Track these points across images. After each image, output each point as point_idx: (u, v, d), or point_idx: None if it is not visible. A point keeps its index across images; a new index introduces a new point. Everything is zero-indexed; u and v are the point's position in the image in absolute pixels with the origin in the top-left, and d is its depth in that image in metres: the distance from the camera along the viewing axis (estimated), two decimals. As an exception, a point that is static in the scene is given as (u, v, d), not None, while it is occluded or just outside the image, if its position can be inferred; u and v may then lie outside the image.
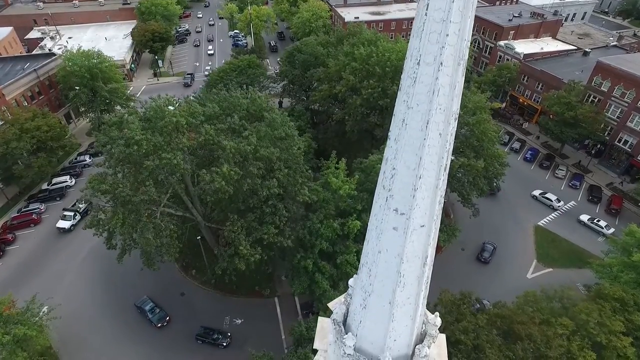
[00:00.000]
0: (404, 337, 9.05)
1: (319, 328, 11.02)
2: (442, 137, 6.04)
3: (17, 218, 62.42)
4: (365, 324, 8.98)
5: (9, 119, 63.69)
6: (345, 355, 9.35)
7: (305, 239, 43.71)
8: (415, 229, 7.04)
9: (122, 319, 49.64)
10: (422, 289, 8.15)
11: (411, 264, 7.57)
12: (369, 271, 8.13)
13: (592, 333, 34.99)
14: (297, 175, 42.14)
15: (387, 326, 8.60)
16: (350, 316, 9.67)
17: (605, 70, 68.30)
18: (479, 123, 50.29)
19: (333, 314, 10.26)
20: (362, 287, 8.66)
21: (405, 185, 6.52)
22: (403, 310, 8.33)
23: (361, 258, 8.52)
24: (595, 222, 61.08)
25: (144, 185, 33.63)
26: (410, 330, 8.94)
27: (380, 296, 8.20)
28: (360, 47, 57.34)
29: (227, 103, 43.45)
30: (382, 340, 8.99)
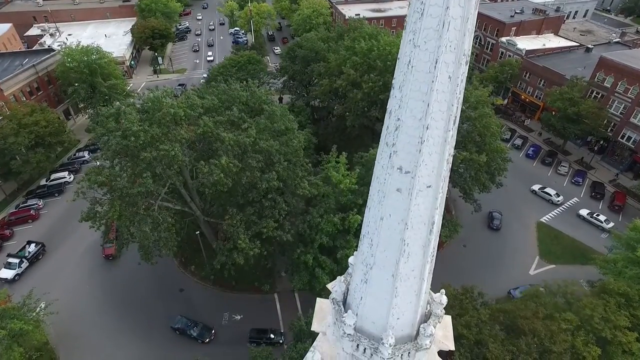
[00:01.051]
0: (407, 315, 8.49)
1: (317, 309, 10.48)
2: (452, 81, 5.47)
3: (15, 214, 61.90)
4: (367, 301, 8.42)
5: (7, 114, 63.12)
6: (345, 336, 8.79)
7: (305, 233, 43.11)
8: (421, 189, 6.48)
9: (120, 315, 49.08)
10: (428, 261, 7.58)
11: (416, 231, 7.01)
12: (371, 242, 7.57)
13: (596, 328, 34.36)
14: (297, 169, 41.57)
15: (389, 302, 8.04)
16: (351, 294, 9.12)
17: (608, 66, 67.65)
18: (481, 117, 49.69)
19: (332, 293, 9.70)
20: (363, 260, 8.10)
21: (411, 139, 5.96)
22: (407, 284, 7.76)
23: (362, 229, 7.96)
24: (594, 217, 60.74)
25: (141, 177, 33.04)
26: (415, 307, 8.38)
27: (382, 269, 7.64)
28: (361, 41, 56.80)
29: (226, 96, 42.90)
30: (385, 319, 8.44)
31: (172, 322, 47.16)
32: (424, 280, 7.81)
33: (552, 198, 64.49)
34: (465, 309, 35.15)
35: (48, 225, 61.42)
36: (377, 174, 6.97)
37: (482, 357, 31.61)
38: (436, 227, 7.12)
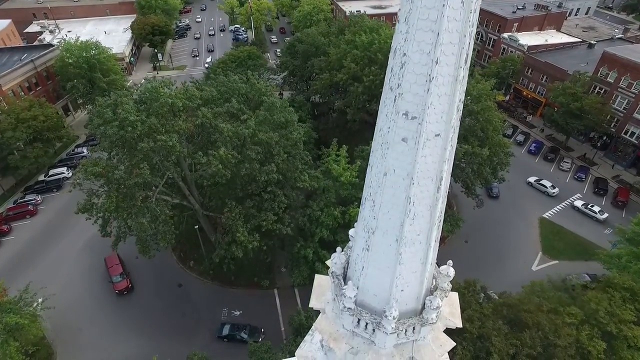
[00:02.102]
0: (412, 287, 7.90)
1: (315, 285, 9.90)
2: (465, 6, 4.89)
3: (12, 209, 61.42)
4: (368, 272, 7.84)
5: (5, 108, 62.63)
6: (345, 310, 8.20)
7: (305, 227, 42.60)
8: (428, 138, 5.90)
9: (118, 311, 48.58)
10: (435, 224, 6.99)
11: (423, 188, 6.42)
12: (373, 203, 6.98)
13: (602, 322, 33.72)
14: (297, 162, 41.02)
15: (393, 271, 7.46)
16: (351, 266, 8.53)
17: (612, 61, 67.02)
18: (483, 111, 49.10)
19: (331, 266, 9.12)
20: (364, 226, 7.51)
21: (418, 78, 5.37)
22: (412, 250, 7.17)
23: (363, 192, 7.38)
24: (589, 208, 60.81)
25: (138, 168, 32.47)
26: (420, 278, 7.79)
27: (385, 233, 7.05)
28: (362, 34, 56.23)
29: (225, 88, 42.34)
30: (388, 291, 7.86)
31: (219, 333, 45.05)
32: (430, 246, 7.23)
33: (548, 190, 64.53)
34: (468, 302, 34.52)
35: (46, 220, 60.95)
36: (380, 125, 6.40)
37: (485, 351, 31.00)
38: (444, 185, 6.54)
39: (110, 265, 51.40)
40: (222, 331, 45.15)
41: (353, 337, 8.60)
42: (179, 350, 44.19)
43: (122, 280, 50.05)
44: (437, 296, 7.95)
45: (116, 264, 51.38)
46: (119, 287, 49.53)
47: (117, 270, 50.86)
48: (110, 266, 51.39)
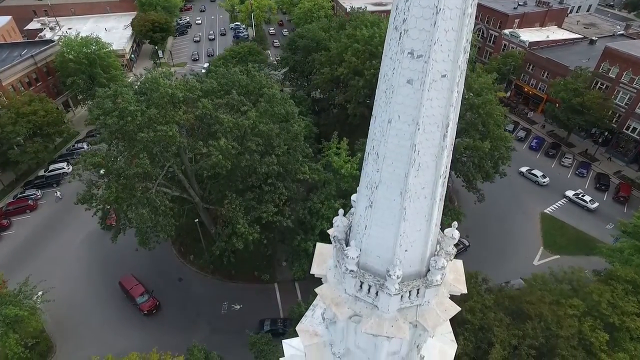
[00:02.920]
0: (416, 247, 7.71)
1: (317, 254, 9.72)
2: None
3: (12, 204, 61.30)
4: (372, 231, 7.65)
5: (5, 103, 62.51)
6: (347, 273, 8.01)
7: (305, 219, 42.39)
8: (434, 79, 5.70)
9: (118, 305, 48.38)
10: (441, 177, 6.78)
11: (428, 135, 6.23)
12: (377, 155, 6.79)
13: (604, 314, 33.51)
14: (297, 154, 40.82)
15: (397, 229, 7.27)
16: (354, 229, 8.34)
17: (613, 56, 66.79)
18: (484, 104, 48.85)
19: (334, 231, 8.94)
20: (367, 183, 7.32)
21: (425, 11, 5.18)
22: (417, 205, 6.98)
23: (367, 146, 7.18)
24: (580, 197, 61.61)
25: (137, 157, 32.27)
26: (424, 237, 7.59)
27: (389, 186, 6.85)
28: (363, 28, 56.02)
29: (225, 80, 42.15)
30: (391, 251, 7.67)
31: (260, 329, 43.68)
32: (435, 201, 7.03)
33: (539, 179, 65.18)
34: (470, 294, 34.29)
35: (46, 215, 60.84)
36: (384, 71, 6.19)
37: (487, 342, 30.79)
38: (450, 134, 6.33)
39: (130, 287, 47.62)
40: (264, 327, 44.28)
41: (355, 302, 8.41)
42: (179, 343, 43.98)
43: (148, 299, 46.90)
44: (442, 256, 7.77)
45: (135, 284, 47.95)
46: (146, 307, 46.27)
47: (138, 291, 47.35)
48: (129, 288, 47.55)
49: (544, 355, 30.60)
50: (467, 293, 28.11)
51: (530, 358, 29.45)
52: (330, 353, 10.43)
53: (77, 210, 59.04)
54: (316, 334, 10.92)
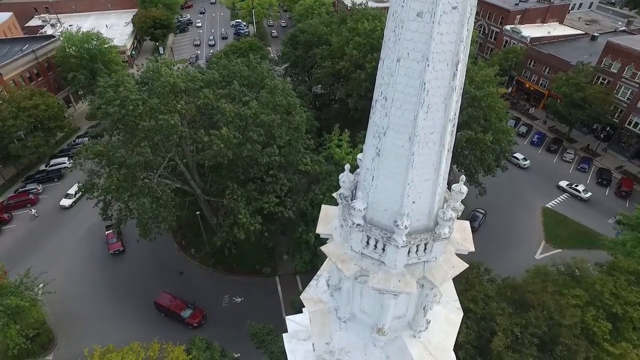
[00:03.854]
0: (424, 199, 7.61)
1: (322, 215, 9.63)
2: None
3: (13, 198, 61.27)
4: (379, 182, 7.54)
5: (6, 97, 62.48)
6: (354, 227, 7.91)
7: (307, 211, 42.26)
8: (445, 11, 5.61)
9: (120, 298, 48.32)
10: (450, 120, 6.67)
11: (438, 74, 6.12)
12: (385, 99, 6.68)
13: (607, 304, 33.40)
14: (299, 145, 40.73)
15: (405, 177, 7.16)
16: (360, 184, 8.24)
17: (615, 51, 66.64)
18: (486, 97, 48.73)
19: (339, 191, 8.84)
20: (375, 132, 7.22)
21: None
22: (425, 152, 6.88)
23: (374, 93, 7.08)
24: (573, 187, 62.29)
25: (138, 146, 32.18)
26: (432, 188, 7.49)
27: (398, 132, 6.75)
28: (365, 21, 55.93)
29: (226, 71, 42.08)
30: (399, 202, 7.57)
31: None
32: (444, 148, 6.91)
33: (520, 162, 66.56)
34: (472, 284, 34.20)
35: (47, 209, 60.74)
36: (393, 8, 6.09)
37: (489, 331, 30.67)
38: (460, 73, 6.22)
39: (169, 305, 45.56)
40: None
41: (362, 259, 8.31)
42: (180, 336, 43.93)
43: (193, 311, 45.28)
44: (450, 208, 7.66)
45: (174, 300, 46.19)
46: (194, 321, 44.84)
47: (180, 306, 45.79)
48: (169, 306, 45.47)
49: (547, 344, 30.47)
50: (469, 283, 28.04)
51: (532, 346, 29.32)
52: (335, 318, 10.33)
53: (77, 205, 59.42)
54: (321, 301, 10.83)
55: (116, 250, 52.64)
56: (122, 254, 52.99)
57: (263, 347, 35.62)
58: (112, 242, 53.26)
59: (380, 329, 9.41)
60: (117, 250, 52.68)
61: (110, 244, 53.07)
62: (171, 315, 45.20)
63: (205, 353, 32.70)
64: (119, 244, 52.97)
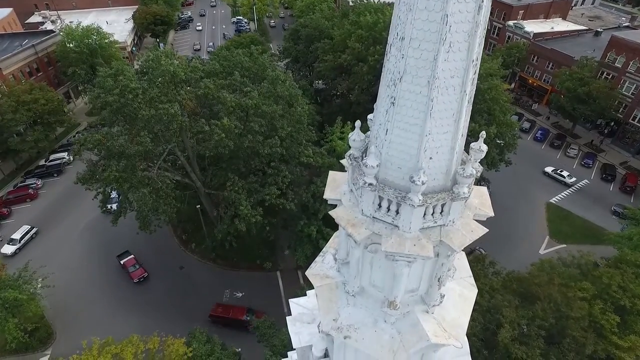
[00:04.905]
0: (442, 155, 7.06)
1: (330, 180, 9.08)
2: None
3: (12, 192, 60.83)
4: (393, 136, 6.97)
5: (6, 91, 62.02)
6: (365, 188, 7.35)
7: (309, 204, 41.73)
8: None
9: (119, 293, 47.86)
10: (473, 62, 6.09)
11: (462, 5, 5.57)
12: (401, 40, 6.12)
13: (614, 297, 32.80)
14: (301, 136, 40.17)
15: (422, 129, 6.60)
16: (372, 142, 7.67)
17: (620, 45, 66.02)
18: (490, 90, 48.19)
19: (348, 152, 8.30)
20: (389, 79, 6.66)
21: None
22: (445, 100, 6.32)
23: (389, 37, 6.53)
24: (558, 172, 63.59)
25: (138, 135, 31.64)
26: (451, 142, 6.93)
27: (415, 76, 6.19)
28: (367, 14, 55.39)
29: (227, 62, 41.52)
30: (415, 157, 7.01)
31: None
32: (465, 94, 6.36)
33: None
34: (477, 276, 33.44)
35: (47, 204, 60.35)
36: None
37: (495, 323, 30.08)
38: (486, 6, 5.68)
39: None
40: None
41: (374, 223, 7.76)
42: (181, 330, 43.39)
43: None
44: (470, 165, 7.11)
45: None
46: None
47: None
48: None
49: (554, 336, 29.88)
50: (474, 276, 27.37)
51: (540, 339, 28.73)
52: (343, 294, 9.78)
53: (77, 200, 58.88)
54: (327, 277, 10.28)
55: (141, 278, 48.11)
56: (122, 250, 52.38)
57: (264, 340, 35.11)
58: (133, 269, 48.40)
59: (392, 302, 8.86)
60: (142, 277, 48.22)
61: (132, 272, 48.12)
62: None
63: (206, 346, 32.14)
64: (142, 270, 48.65)
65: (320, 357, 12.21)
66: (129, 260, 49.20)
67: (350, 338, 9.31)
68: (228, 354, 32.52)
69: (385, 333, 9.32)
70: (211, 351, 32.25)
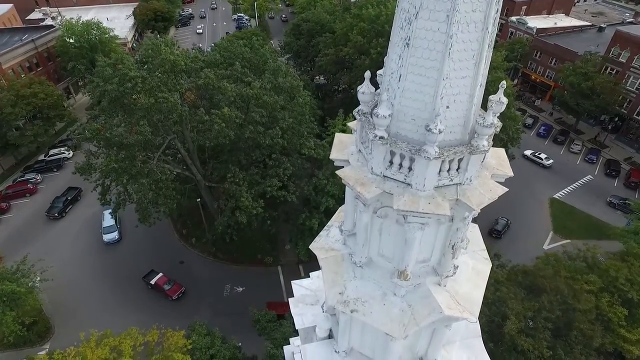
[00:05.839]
0: (460, 104, 6.50)
1: (336, 142, 8.52)
2: None
3: (11, 187, 60.35)
4: (406, 83, 6.41)
5: (5, 85, 61.57)
6: (376, 141, 6.79)
7: (310, 196, 41.20)
8: None
9: (119, 287, 47.33)
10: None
11: None
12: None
13: (622, 290, 32.26)
14: (302, 128, 39.62)
15: (439, 73, 6.05)
16: (383, 93, 7.09)
17: (624, 39, 65.41)
18: (493, 82, 47.52)
19: (357, 108, 7.75)
20: (404, 18, 6.09)
21: None
22: (465, 38, 5.76)
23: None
24: (536, 155, 64.98)
25: (137, 125, 31.10)
26: (470, 89, 6.38)
27: (432, 10, 5.64)
28: (369, 7, 54.85)
29: (228, 53, 40.98)
30: (430, 106, 6.45)
31: None
32: (487, 32, 5.82)
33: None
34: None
35: (46, 199, 59.75)
36: None
37: (500, 315, 29.52)
38: None
39: None
40: None
41: (384, 182, 7.22)
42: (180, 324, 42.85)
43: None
44: (491, 114, 6.57)
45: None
46: None
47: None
48: None
49: (561, 329, 29.32)
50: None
51: (546, 331, 28.16)
52: (349, 266, 9.23)
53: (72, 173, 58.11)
54: (332, 249, 9.74)
55: (180, 293, 45.53)
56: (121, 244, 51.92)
57: (265, 334, 34.59)
58: (169, 287, 45.48)
59: (403, 272, 8.30)
60: (180, 292, 45.63)
61: (169, 290, 45.30)
62: None
63: (206, 338, 31.59)
64: (178, 285, 46.00)
65: (324, 338, 11.68)
66: (160, 279, 45.83)
67: (357, 312, 8.77)
68: (228, 347, 31.94)
69: (395, 306, 8.77)
70: (211, 344, 31.69)
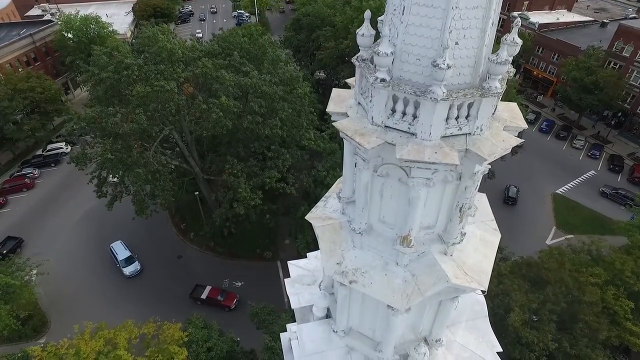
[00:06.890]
0: (470, 41, 5.93)
1: (334, 96, 7.88)
2: None
3: (9, 182, 59.80)
4: (411, 16, 5.77)
5: (2, 79, 61.02)
6: (377, 84, 6.13)
7: (310, 189, 40.56)
8: None
9: (116, 282, 46.76)
10: None
11: None
12: None
13: (628, 282, 31.59)
14: (302, 119, 38.97)
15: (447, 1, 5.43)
16: (385, 30, 6.39)
17: (628, 34, 64.70)
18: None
19: (357, 54, 7.11)
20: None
21: None
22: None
23: None
24: None
25: (133, 113, 30.46)
26: (482, 24, 5.79)
27: None
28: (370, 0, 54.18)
29: (226, 43, 40.36)
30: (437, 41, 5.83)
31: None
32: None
33: None
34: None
35: (43, 194, 59.30)
36: None
37: (504, 308, 28.82)
38: None
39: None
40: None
41: (386, 132, 6.59)
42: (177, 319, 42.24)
43: None
44: (504, 54, 5.94)
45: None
46: None
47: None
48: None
49: (566, 322, 28.63)
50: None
51: (551, 323, 27.47)
52: (348, 234, 8.58)
53: (74, 189, 57.81)
54: (330, 218, 9.08)
55: (235, 302, 43.59)
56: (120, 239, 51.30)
57: (263, 327, 33.89)
58: (222, 298, 43.72)
59: (406, 237, 7.65)
60: (236, 301, 43.66)
61: (224, 302, 43.46)
62: None
63: (202, 331, 30.94)
64: (232, 295, 44.31)
65: (322, 317, 11.02)
66: (212, 292, 44.05)
67: (356, 283, 8.12)
68: (226, 340, 31.29)
69: (397, 276, 8.13)
70: (208, 337, 31.04)
